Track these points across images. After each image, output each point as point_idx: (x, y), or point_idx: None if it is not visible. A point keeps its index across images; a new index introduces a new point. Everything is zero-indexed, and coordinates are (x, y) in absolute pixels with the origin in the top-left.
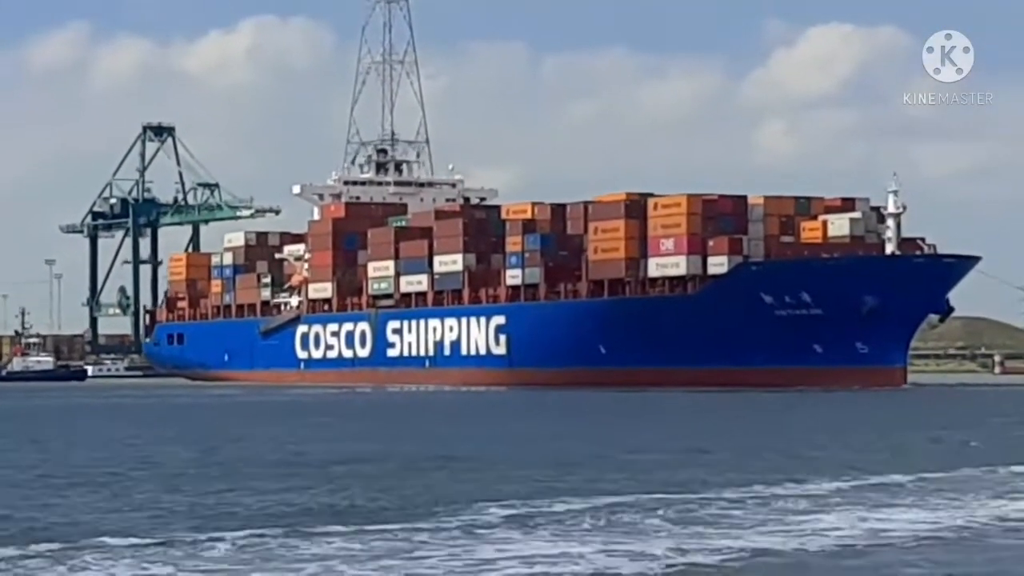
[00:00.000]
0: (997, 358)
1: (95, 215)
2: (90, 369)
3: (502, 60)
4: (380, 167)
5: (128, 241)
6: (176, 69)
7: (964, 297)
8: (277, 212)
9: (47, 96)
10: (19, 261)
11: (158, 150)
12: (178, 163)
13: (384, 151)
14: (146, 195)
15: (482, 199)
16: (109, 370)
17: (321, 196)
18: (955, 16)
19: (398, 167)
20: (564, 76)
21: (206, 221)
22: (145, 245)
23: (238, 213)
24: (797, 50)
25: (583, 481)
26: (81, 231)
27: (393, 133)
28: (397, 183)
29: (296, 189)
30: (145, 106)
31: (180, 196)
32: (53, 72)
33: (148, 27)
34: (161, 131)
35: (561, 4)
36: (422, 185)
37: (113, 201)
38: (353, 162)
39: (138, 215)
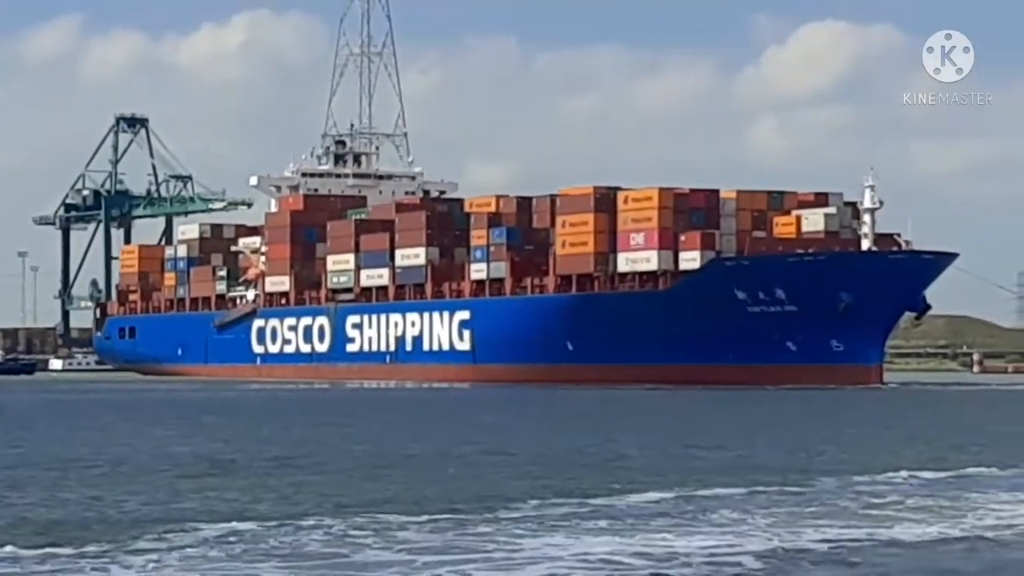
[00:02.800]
0: (976, 356)
1: (67, 207)
2: (59, 363)
3: (495, 56)
4: (338, 159)
5: (101, 233)
6: (168, 63)
7: (947, 295)
8: (249, 205)
9: (38, 88)
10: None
11: (131, 142)
12: (151, 155)
13: (342, 143)
14: (119, 187)
15: (442, 192)
16: (80, 364)
17: (278, 188)
18: (950, 14)
19: (356, 159)
20: (556, 72)
21: (178, 213)
22: (119, 237)
23: (210, 205)
24: (789, 47)
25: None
26: (54, 223)
27: (353, 125)
28: (356, 175)
29: (253, 181)
30: (134, 99)
31: (153, 188)
32: (45, 65)
33: (141, 20)
34: (134, 122)
35: (553, 0)
36: (381, 177)
37: (86, 193)
38: (312, 154)
39: (110, 207)
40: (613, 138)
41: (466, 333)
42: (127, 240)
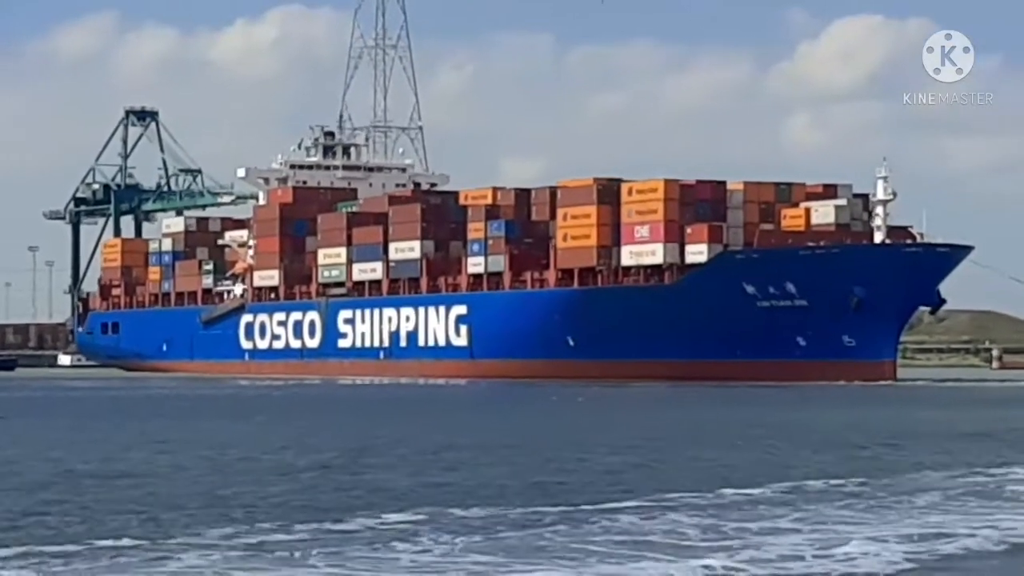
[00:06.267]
0: (995, 352)
1: (78, 201)
2: (68, 359)
3: (529, 52)
4: (328, 151)
5: (111, 227)
6: (200, 59)
7: (972, 289)
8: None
9: (69, 85)
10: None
11: (141, 136)
12: (161, 148)
13: (332, 134)
14: (129, 181)
15: (433, 184)
16: (88, 359)
17: (267, 180)
18: (985, 7)
19: (346, 151)
20: (590, 68)
21: (188, 207)
22: (130, 232)
23: (219, 199)
24: (823, 42)
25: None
26: (64, 217)
27: (341, 116)
28: (345, 167)
29: (241, 172)
30: (164, 95)
31: (163, 182)
32: (77, 62)
33: (174, 17)
34: (144, 116)
35: None
36: (371, 170)
37: (96, 187)
38: (300, 146)
39: (120, 201)
40: (646, 134)
41: (463, 328)
42: (138, 234)
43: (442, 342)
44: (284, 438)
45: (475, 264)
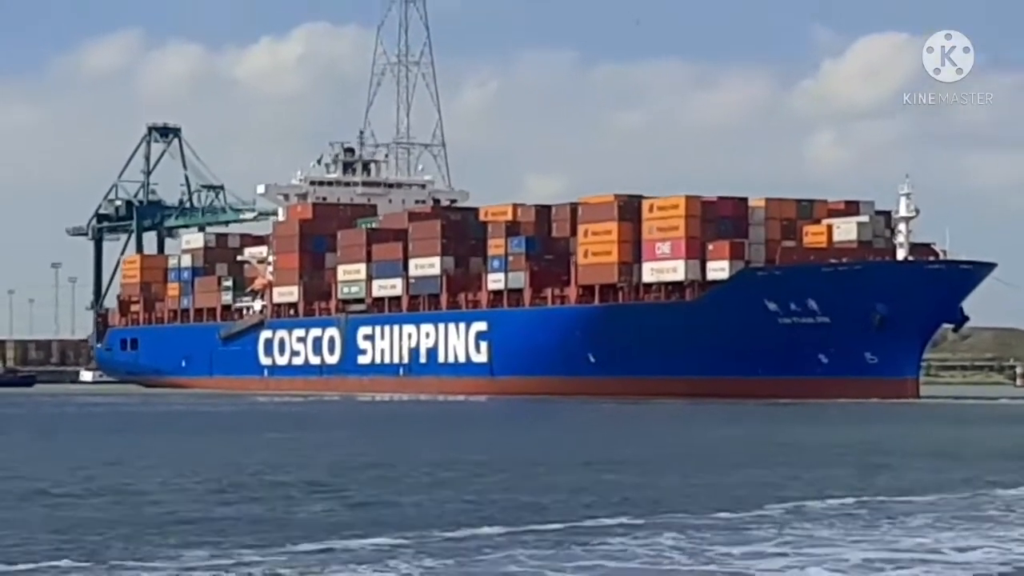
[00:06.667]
0: (1019, 370)
1: (100, 217)
2: (89, 375)
3: (554, 69)
4: (347, 167)
5: (133, 244)
6: (225, 76)
7: (995, 307)
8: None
9: (96, 101)
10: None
11: (164, 152)
12: (184, 165)
13: (351, 150)
14: (151, 197)
15: (452, 201)
16: (108, 375)
17: (286, 196)
18: (1010, 26)
19: (366, 167)
20: (613, 85)
21: (210, 223)
22: (152, 248)
23: (241, 216)
24: (848, 60)
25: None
26: (86, 234)
27: (361, 133)
28: (365, 183)
29: (260, 189)
30: (189, 112)
31: (185, 198)
32: (102, 78)
33: (200, 34)
34: (167, 132)
35: (611, 15)
36: (391, 186)
37: (118, 203)
38: (320, 162)
39: (142, 217)
40: (668, 151)
41: (483, 345)
42: (160, 251)
43: (462, 359)
44: (288, 454)
45: (495, 280)
